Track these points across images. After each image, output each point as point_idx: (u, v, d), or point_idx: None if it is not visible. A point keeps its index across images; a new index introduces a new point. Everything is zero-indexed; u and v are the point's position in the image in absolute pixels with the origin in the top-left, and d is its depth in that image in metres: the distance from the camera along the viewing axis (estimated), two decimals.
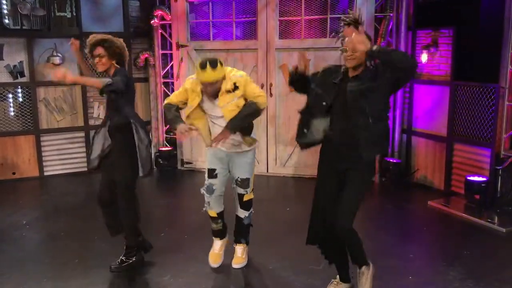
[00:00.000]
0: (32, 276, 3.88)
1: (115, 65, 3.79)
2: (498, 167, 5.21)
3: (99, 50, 3.69)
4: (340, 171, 3.16)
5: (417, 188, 6.21)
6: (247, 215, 3.97)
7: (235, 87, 3.53)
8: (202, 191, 3.89)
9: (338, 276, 3.53)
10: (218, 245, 4.07)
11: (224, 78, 3.50)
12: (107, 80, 3.60)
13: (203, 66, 3.38)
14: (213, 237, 4.09)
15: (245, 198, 3.92)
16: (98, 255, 4.25)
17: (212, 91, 3.49)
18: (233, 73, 3.60)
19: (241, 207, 3.96)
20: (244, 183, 3.86)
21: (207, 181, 3.84)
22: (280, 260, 4.12)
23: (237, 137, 3.68)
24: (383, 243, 4.51)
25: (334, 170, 3.19)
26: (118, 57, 3.78)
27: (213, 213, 3.94)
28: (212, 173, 3.83)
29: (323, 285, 3.65)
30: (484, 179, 5.21)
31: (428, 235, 4.86)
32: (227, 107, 3.53)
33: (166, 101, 3.77)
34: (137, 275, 3.92)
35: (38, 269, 4.02)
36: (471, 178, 5.27)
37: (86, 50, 3.81)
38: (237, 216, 4.02)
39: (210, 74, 3.39)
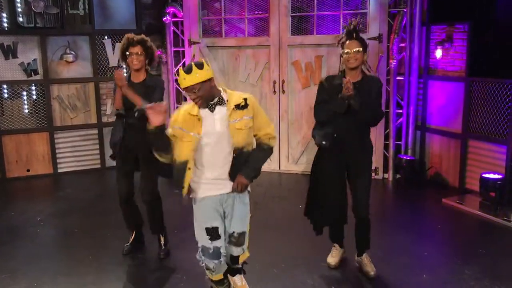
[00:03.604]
0: (46, 272, 3.92)
1: (146, 67, 3.98)
2: None
3: (139, 49, 3.85)
4: (345, 165, 3.65)
5: (431, 186, 6.15)
6: (240, 265, 3.38)
7: (245, 104, 3.00)
8: (200, 258, 3.13)
9: (337, 245, 3.96)
10: None
11: (210, 79, 2.92)
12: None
13: (188, 70, 2.84)
14: None
15: (241, 260, 3.27)
16: (112, 251, 4.27)
17: (202, 95, 2.89)
18: (237, 92, 3.10)
19: (233, 264, 3.30)
20: (240, 238, 3.15)
21: (210, 244, 3.04)
22: (293, 258, 4.10)
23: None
24: (397, 240, 4.48)
25: (340, 164, 3.64)
26: (150, 57, 3.97)
27: (219, 276, 3.23)
28: (215, 234, 3.04)
29: (335, 283, 3.65)
30: (499, 176, 5.13)
31: (442, 233, 4.81)
32: (234, 124, 2.97)
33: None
34: (151, 272, 3.94)
35: (53, 266, 4.06)
36: (487, 175, 5.19)
37: (119, 48, 3.93)
38: (229, 266, 3.32)
39: (196, 76, 2.83)
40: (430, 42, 6.13)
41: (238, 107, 2.99)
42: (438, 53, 5.99)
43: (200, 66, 2.86)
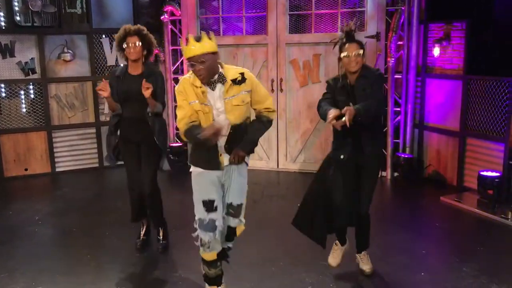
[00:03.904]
0: (45, 271, 3.91)
1: (143, 60, 3.99)
2: None
3: (136, 39, 3.84)
4: (353, 166, 3.55)
5: (429, 184, 6.15)
6: (231, 245, 3.38)
7: (243, 78, 2.99)
8: (196, 230, 3.15)
9: (338, 242, 3.81)
10: None
11: (215, 53, 2.90)
12: (160, 107, 3.90)
13: (198, 38, 2.82)
14: (208, 286, 3.34)
15: (238, 231, 3.30)
16: (111, 250, 4.28)
17: (208, 67, 2.86)
18: (233, 67, 3.09)
19: (227, 240, 3.29)
20: (238, 210, 3.19)
21: (206, 216, 3.06)
22: (291, 257, 4.10)
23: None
24: (395, 239, 4.48)
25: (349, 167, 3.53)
26: (148, 48, 3.96)
27: (212, 255, 3.18)
28: (211, 206, 3.06)
29: (333, 281, 3.65)
30: (497, 174, 5.14)
31: (440, 231, 4.82)
32: (231, 100, 2.97)
33: (185, 124, 3.01)
34: (149, 270, 3.94)
35: (51, 265, 4.05)
36: (484, 173, 5.20)
37: (116, 39, 3.92)
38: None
39: (205, 45, 2.82)
40: (428, 40, 6.13)
41: (235, 82, 2.98)
42: (436, 51, 5.99)
43: (209, 36, 2.84)
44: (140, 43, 3.87)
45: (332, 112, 3.20)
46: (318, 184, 3.71)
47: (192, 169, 3.16)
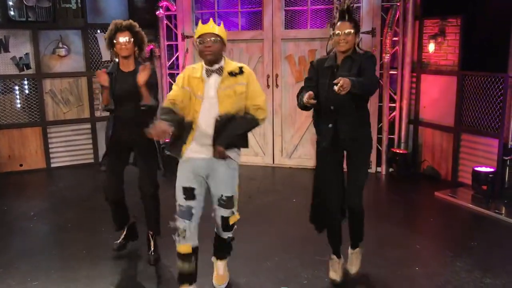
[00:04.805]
0: (40, 267, 3.91)
1: (136, 55, 3.86)
2: (506, 158, 5.16)
3: (127, 35, 3.73)
4: (343, 156, 3.46)
5: (424, 179, 6.18)
6: (231, 234, 3.42)
7: (240, 71, 3.13)
8: (175, 223, 3.18)
9: (334, 255, 3.65)
10: None
11: (224, 43, 3.16)
12: (153, 101, 3.72)
13: (214, 23, 3.09)
14: (180, 285, 3.29)
15: (232, 221, 3.30)
16: (106, 246, 4.26)
17: (214, 49, 3.05)
18: (235, 62, 3.26)
19: (224, 230, 3.34)
20: (229, 201, 3.22)
21: (183, 203, 3.13)
22: (287, 252, 4.12)
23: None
24: (389, 234, 4.50)
25: (334, 153, 3.41)
26: (140, 45, 3.86)
27: (187, 248, 3.17)
28: (189, 193, 3.13)
29: (328, 276, 3.65)
30: (491, 169, 5.17)
31: (434, 226, 4.85)
32: (225, 91, 3.06)
33: (166, 101, 3.19)
34: (143, 266, 3.94)
35: (46, 260, 4.05)
36: (479, 168, 5.23)
37: (106, 35, 3.79)
38: (218, 237, 3.45)
39: (216, 28, 3.08)
40: (423, 36, 6.14)
41: (231, 74, 3.11)
42: (431, 47, 6.00)
43: (223, 27, 3.11)
44: (132, 39, 3.74)
45: (308, 93, 3.11)
46: (315, 176, 3.58)
47: (180, 155, 3.23)
